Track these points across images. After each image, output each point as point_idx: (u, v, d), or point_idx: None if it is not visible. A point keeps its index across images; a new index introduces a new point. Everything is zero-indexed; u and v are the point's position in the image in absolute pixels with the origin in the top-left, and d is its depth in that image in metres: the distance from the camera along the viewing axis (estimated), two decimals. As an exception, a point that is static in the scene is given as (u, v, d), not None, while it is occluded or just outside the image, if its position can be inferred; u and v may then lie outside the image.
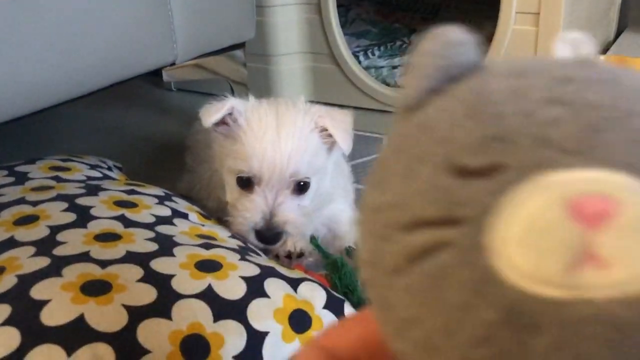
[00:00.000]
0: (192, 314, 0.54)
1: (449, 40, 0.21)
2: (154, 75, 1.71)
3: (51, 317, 0.49)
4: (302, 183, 0.78)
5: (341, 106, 1.45)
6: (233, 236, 0.74)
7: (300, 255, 0.80)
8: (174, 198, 0.78)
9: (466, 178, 0.18)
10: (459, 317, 0.17)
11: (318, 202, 0.82)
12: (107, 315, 0.51)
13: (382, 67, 1.47)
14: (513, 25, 1.16)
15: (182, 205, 0.77)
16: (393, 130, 0.21)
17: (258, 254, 0.72)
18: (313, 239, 0.79)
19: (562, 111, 0.18)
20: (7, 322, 0.49)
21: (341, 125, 0.79)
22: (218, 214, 0.84)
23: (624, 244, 0.16)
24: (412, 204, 0.19)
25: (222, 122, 0.80)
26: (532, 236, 0.16)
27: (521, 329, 0.16)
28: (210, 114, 0.78)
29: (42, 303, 0.50)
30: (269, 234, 0.77)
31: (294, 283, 0.63)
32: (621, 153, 0.17)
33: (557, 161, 0.17)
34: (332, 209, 0.86)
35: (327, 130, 0.79)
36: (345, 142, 0.78)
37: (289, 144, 0.76)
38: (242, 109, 0.80)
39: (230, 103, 0.79)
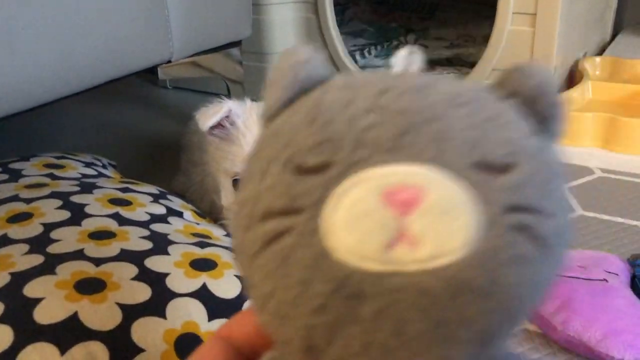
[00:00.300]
0: (186, 313, 0.53)
1: (299, 58, 0.24)
2: (150, 72, 1.71)
3: (45, 315, 0.49)
4: None
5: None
6: (228, 235, 0.74)
7: None
8: (168, 196, 0.78)
9: (304, 175, 0.21)
10: (301, 290, 0.20)
11: None
12: (101, 314, 0.50)
13: (378, 66, 1.47)
14: (510, 25, 1.16)
15: (177, 203, 0.77)
16: (258, 136, 0.25)
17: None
18: None
19: (377, 117, 0.22)
20: (1, 319, 0.48)
21: None
22: (212, 216, 0.83)
23: (429, 225, 0.20)
24: (265, 197, 0.22)
25: (218, 124, 0.79)
26: (354, 220, 0.20)
27: (350, 299, 0.20)
28: (208, 117, 0.77)
29: (36, 301, 0.50)
30: None
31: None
32: (424, 150, 0.21)
33: (372, 159, 0.21)
34: None
35: None
36: None
37: None
38: (239, 111, 0.79)
39: (228, 106, 0.78)
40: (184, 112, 1.48)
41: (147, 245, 0.61)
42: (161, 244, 0.62)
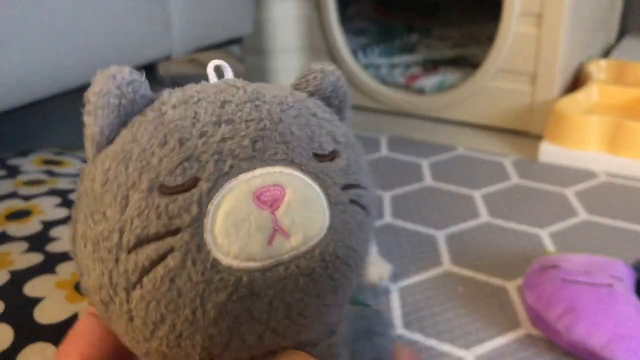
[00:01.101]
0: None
1: (120, 79, 0.24)
2: (149, 69, 1.69)
3: (45, 315, 0.48)
4: None
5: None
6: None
7: None
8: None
9: (173, 195, 0.22)
10: (197, 306, 0.21)
11: None
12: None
13: (380, 65, 1.46)
14: (515, 26, 1.15)
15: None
16: (89, 168, 0.24)
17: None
18: None
19: (228, 129, 0.24)
20: (1, 318, 0.47)
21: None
22: None
23: (295, 216, 0.22)
24: (131, 226, 0.22)
25: None
26: (235, 227, 0.21)
27: (245, 299, 0.21)
28: None
29: (36, 300, 0.49)
30: None
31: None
32: (276, 152, 0.24)
33: (235, 167, 0.23)
34: None
35: None
36: None
37: None
38: None
39: None
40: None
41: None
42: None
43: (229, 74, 0.28)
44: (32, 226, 0.60)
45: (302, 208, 0.23)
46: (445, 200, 1.00)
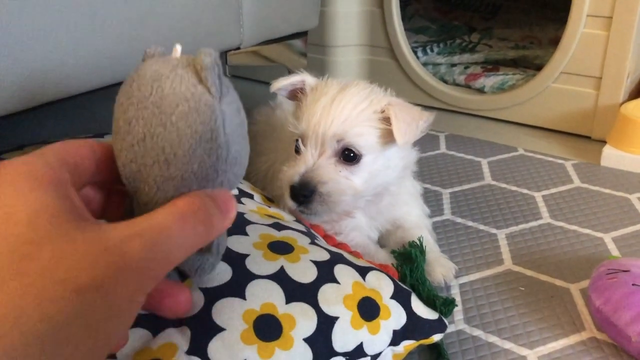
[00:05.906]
0: (265, 295, 0.54)
1: None
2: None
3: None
4: (352, 154, 0.73)
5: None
6: (297, 220, 0.74)
7: None
8: (238, 179, 0.78)
9: None
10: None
11: (373, 188, 0.77)
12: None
13: (440, 64, 1.45)
14: (583, 28, 1.13)
15: (246, 185, 0.77)
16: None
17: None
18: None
19: None
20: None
21: (407, 118, 0.74)
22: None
23: None
24: None
25: (292, 93, 0.80)
26: None
27: None
28: (279, 81, 0.79)
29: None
30: (299, 190, 0.71)
31: (362, 271, 0.62)
32: None
33: None
34: (399, 211, 0.84)
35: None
36: (400, 133, 0.72)
37: (338, 109, 0.73)
38: (312, 83, 0.79)
39: (302, 77, 0.79)
40: (243, 101, 1.49)
41: (226, 224, 0.61)
42: (239, 223, 0.62)
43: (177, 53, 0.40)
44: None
45: None
46: (505, 199, 1.00)
